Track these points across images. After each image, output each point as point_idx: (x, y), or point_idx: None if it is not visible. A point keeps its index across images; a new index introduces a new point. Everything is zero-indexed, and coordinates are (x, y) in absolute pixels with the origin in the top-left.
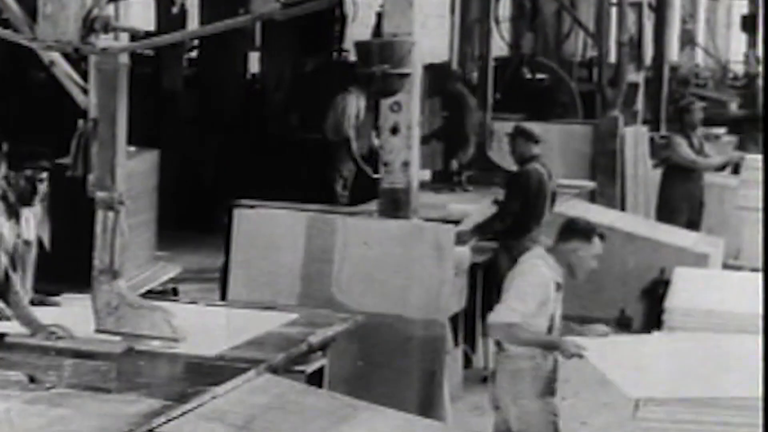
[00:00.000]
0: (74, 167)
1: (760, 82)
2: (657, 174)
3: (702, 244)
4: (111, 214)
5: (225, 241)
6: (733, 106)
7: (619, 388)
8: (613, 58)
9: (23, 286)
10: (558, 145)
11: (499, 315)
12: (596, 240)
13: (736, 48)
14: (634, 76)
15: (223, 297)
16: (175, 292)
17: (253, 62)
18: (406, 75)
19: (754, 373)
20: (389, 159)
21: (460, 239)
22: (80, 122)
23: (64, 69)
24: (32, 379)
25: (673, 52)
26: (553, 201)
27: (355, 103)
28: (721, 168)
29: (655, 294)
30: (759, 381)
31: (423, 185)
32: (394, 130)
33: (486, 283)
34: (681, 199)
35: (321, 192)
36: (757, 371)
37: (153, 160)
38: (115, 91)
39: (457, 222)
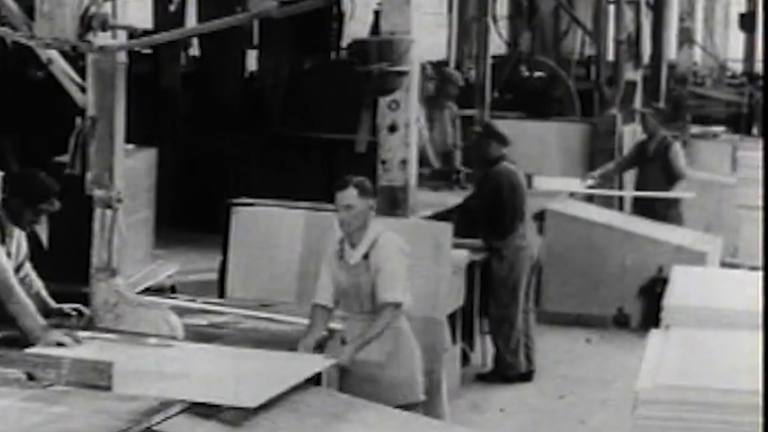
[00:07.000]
0: (72, 165)
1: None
2: None
3: (700, 242)
4: (109, 212)
5: (223, 239)
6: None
7: None
8: (611, 56)
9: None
10: (556, 143)
11: None
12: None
13: (734, 46)
14: (632, 74)
15: (221, 295)
16: (173, 290)
17: (251, 60)
18: (404, 73)
19: (753, 371)
20: (387, 157)
21: None
22: (78, 120)
23: (62, 67)
24: (30, 377)
25: (671, 50)
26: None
27: None
28: None
29: (653, 292)
30: (758, 379)
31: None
32: (392, 128)
33: (483, 282)
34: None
35: (320, 190)
36: (756, 369)
37: (151, 158)
38: (113, 89)
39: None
